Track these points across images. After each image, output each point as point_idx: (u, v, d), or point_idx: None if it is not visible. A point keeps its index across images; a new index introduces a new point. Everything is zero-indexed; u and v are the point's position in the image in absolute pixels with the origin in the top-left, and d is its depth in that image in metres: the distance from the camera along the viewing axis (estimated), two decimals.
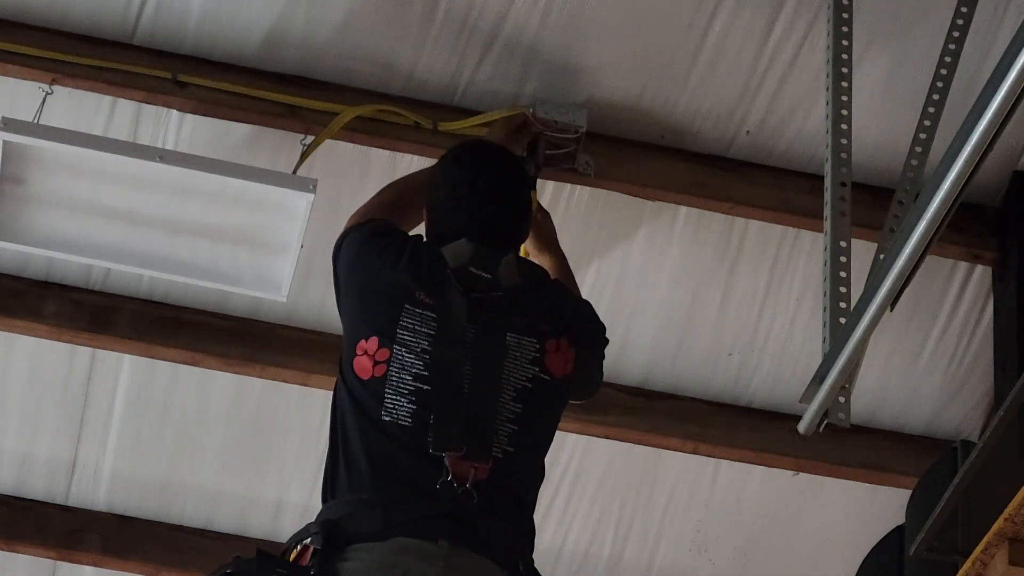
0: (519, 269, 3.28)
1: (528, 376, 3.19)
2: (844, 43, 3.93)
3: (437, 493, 3.04)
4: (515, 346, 3.21)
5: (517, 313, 3.24)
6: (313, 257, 4.49)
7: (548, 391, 3.22)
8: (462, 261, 3.24)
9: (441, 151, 4.13)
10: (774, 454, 4.78)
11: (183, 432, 5.03)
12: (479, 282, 3.23)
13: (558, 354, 3.25)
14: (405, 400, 3.12)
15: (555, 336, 3.25)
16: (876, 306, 3.41)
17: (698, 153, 4.40)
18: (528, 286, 3.29)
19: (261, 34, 4.23)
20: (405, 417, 3.11)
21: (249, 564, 2.99)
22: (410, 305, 3.20)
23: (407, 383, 3.14)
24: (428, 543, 2.98)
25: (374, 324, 3.22)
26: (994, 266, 4.49)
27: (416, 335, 3.18)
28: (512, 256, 3.29)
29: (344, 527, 3.00)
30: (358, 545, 2.98)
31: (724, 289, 4.66)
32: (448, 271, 3.23)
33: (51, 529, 5.17)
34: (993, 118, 2.91)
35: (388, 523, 3.00)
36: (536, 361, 3.21)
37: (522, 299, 3.26)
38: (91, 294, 4.68)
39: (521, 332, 3.23)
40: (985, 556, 3.83)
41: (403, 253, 3.29)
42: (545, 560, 5.18)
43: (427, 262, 3.27)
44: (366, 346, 3.20)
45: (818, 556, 5.16)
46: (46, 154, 4.05)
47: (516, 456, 3.13)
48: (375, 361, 3.17)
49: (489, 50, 4.24)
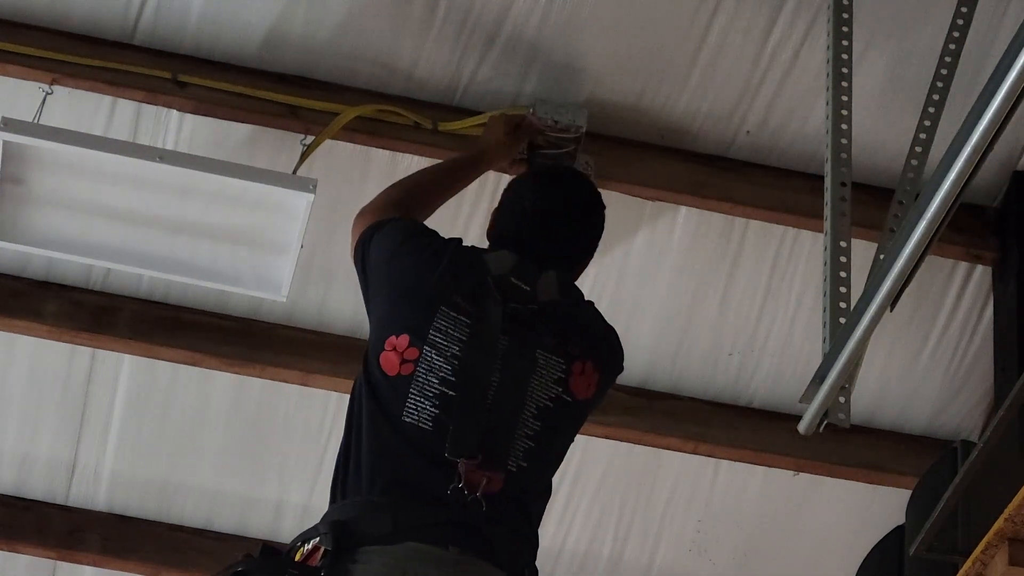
0: (558, 287, 3.31)
1: (551, 395, 3.21)
2: (844, 43, 3.93)
3: (447, 499, 3.04)
4: (543, 364, 3.23)
5: (549, 331, 3.26)
6: (313, 257, 4.49)
7: (568, 412, 3.24)
8: (504, 270, 3.28)
9: (441, 151, 4.16)
10: (774, 454, 4.78)
11: (183, 432, 5.03)
12: (517, 293, 3.26)
13: (583, 377, 3.27)
14: (428, 403, 3.12)
15: (582, 359, 3.28)
16: (876, 306, 3.41)
17: (698, 153, 4.40)
18: (565, 305, 3.32)
19: (261, 34, 4.23)
20: (427, 421, 3.11)
21: (260, 563, 2.98)
22: (446, 308, 3.22)
23: (433, 386, 3.14)
24: (439, 549, 2.98)
25: (406, 322, 3.22)
26: (994, 266, 4.49)
27: (448, 339, 3.19)
28: (554, 274, 3.32)
29: (354, 529, 3.00)
30: (369, 548, 2.97)
31: (724, 289, 4.66)
32: (488, 278, 3.25)
33: (51, 529, 5.17)
34: (993, 118, 2.91)
35: (398, 527, 2.99)
36: (561, 382, 3.23)
37: (556, 317, 3.28)
38: (91, 294, 4.68)
39: (550, 351, 3.25)
40: (985, 556, 3.83)
41: (443, 255, 3.31)
42: (545, 560, 5.15)
43: (468, 267, 3.29)
44: (396, 342, 3.19)
45: (818, 556, 5.16)
46: (46, 154, 4.05)
47: (528, 472, 3.15)
48: (403, 359, 3.17)
49: (489, 50, 4.24)
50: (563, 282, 3.36)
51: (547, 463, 3.22)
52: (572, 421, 3.28)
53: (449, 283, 3.25)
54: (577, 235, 3.52)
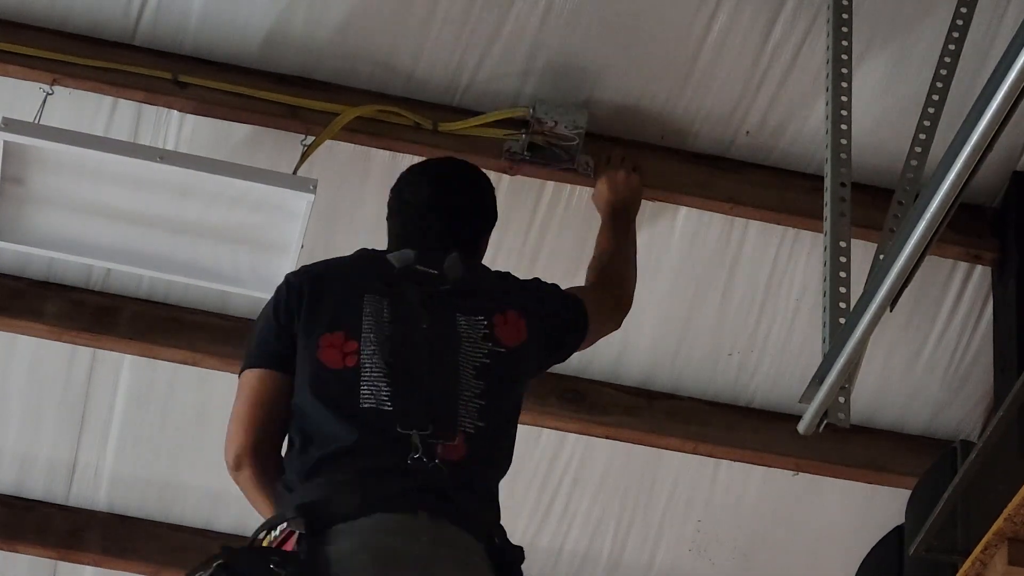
0: (462, 265, 3.42)
1: (483, 352, 3.29)
2: (844, 43, 3.93)
3: (409, 468, 3.08)
4: (466, 326, 3.31)
5: (465, 297, 3.36)
6: (313, 257, 4.46)
7: (506, 362, 3.31)
8: (408, 262, 3.40)
9: (441, 151, 4.16)
10: (774, 454, 4.78)
11: (183, 432, 5.03)
12: (426, 278, 3.37)
13: (507, 326, 3.35)
14: (382, 385, 3.18)
15: (500, 311, 3.36)
16: (876, 306, 3.41)
17: (698, 153, 4.40)
18: (473, 276, 3.44)
19: (262, 34, 4.23)
20: (386, 402, 3.15)
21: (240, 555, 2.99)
22: (369, 294, 3.31)
23: (380, 367, 3.22)
24: (408, 516, 3.01)
25: (337, 321, 3.29)
26: (994, 266, 4.49)
27: (379, 321, 3.28)
28: (456, 254, 3.43)
29: (323, 509, 3.02)
30: (340, 526, 2.99)
31: (724, 289, 4.66)
32: (395, 271, 3.38)
33: (51, 529, 5.17)
34: (993, 118, 2.91)
35: (366, 500, 3.02)
36: (487, 337, 3.31)
37: (469, 287, 3.39)
38: (91, 294, 4.68)
39: (469, 312, 3.33)
40: (985, 556, 3.83)
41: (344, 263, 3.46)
42: (545, 560, 5.19)
43: (374, 266, 3.41)
44: (331, 339, 3.27)
45: (818, 556, 5.16)
46: (47, 154, 4.05)
47: (488, 429, 3.20)
48: (344, 352, 3.25)
49: (489, 50, 4.24)
50: (466, 260, 3.46)
51: (503, 416, 3.27)
52: (515, 369, 3.34)
53: (361, 280, 3.35)
54: (460, 211, 3.60)
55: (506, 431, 3.29)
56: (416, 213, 3.57)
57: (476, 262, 3.55)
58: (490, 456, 3.21)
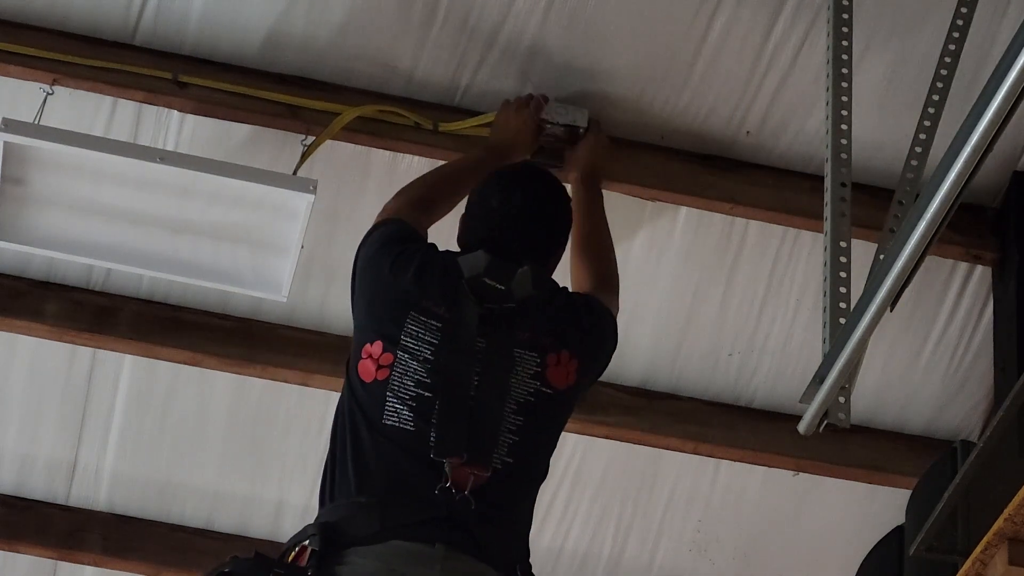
0: (533, 281, 3.34)
1: (530, 390, 3.26)
2: (844, 43, 3.93)
3: (435, 498, 3.07)
4: (519, 361, 3.27)
5: (524, 327, 3.30)
6: (313, 257, 4.49)
7: (550, 404, 3.28)
8: (477, 271, 3.32)
9: (442, 151, 4.17)
10: (774, 454, 4.78)
11: (183, 432, 5.04)
12: (492, 293, 3.30)
13: (559, 367, 3.32)
14: (405, 407, 3.17)
15: (556, 350, 3.32)
16: (876, 306, 3.41)
17: (698, 153, 4.40)
18: (541, 299, 3.36)
19: (262, 34, 4.23)
20: (408, 422, 3.14)
21: (246, 564, 3.00)
22: (416, 313, 3.27)
23: (409, 388, 3.18)
24: (425, 546, 3.01)
25: (380, 329, 3.27)
26: (994, 266, 4.49)
27: (420, 343, 3.23)
28: (528, 268, 3.36)
29: (341, 530, 3.02)
30: (355, 548, 3.00)
31: (724, 289, 4.66)
32: (462, 281, 3.30)
33: (52, 529, 5.17)
34: (993, 118, 2.91)
35: (385, 526, 3.02)
36: (537, 376, 3.28)
37: (533, 312, 3.32)
38: (92, 294, 4.68)
39: (525, 347, 3.29)
40: (985, 556, 3.83)
41: (412, 262, 3.35)
42: (545, 560, 5.19)
43: (440, 272, 3.34)
44: (371, 350, 3.24)
45: (818, 556, 5.17)
46: (47, 155, 4.05)
47: (515, 467, 3.18)
48: (379, 365, 3.22)
49: (490, 50, 4.24)
50: (537, 276, 3.40)
51: (534, 456, 3.26)
52: (556, 412, 3.33)
53: (415, 290, 3.30)
54: (546, 226, 3.58)
55: (533, 470, 3.27)
56: (502, 221, 3.51)
57: (547, 278, 3.51)
58: (510, 493, 3.18)
